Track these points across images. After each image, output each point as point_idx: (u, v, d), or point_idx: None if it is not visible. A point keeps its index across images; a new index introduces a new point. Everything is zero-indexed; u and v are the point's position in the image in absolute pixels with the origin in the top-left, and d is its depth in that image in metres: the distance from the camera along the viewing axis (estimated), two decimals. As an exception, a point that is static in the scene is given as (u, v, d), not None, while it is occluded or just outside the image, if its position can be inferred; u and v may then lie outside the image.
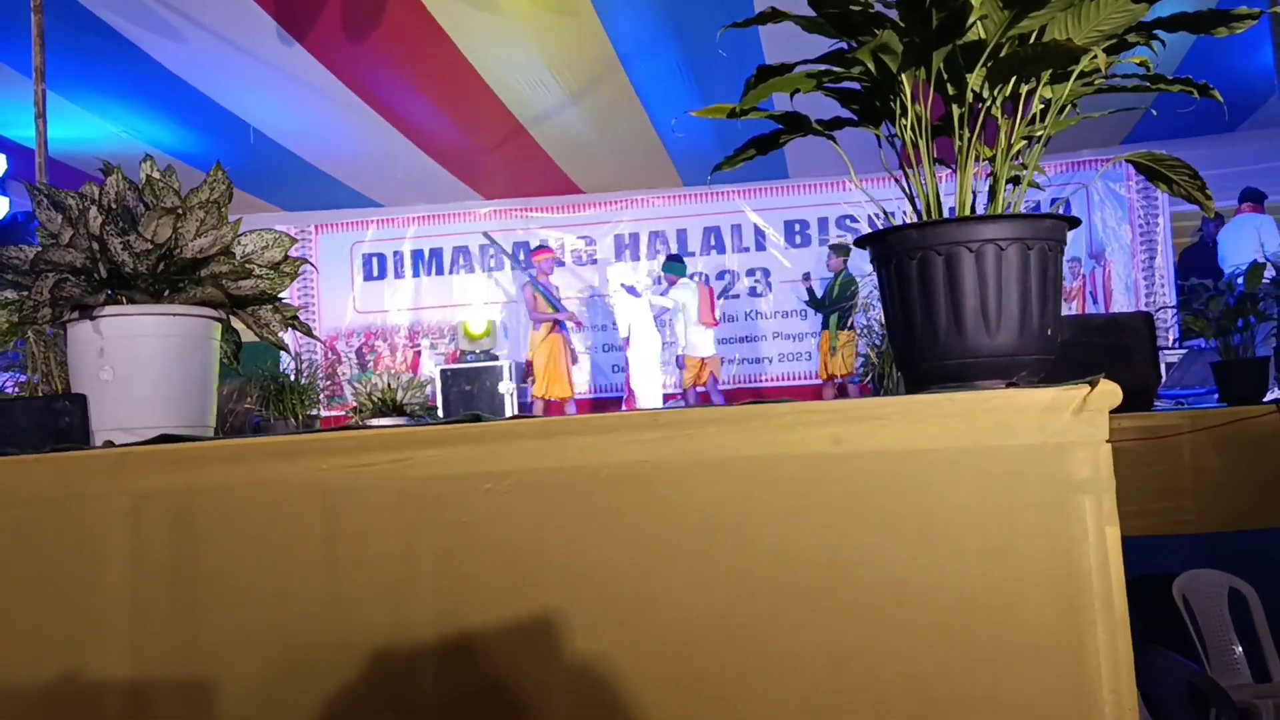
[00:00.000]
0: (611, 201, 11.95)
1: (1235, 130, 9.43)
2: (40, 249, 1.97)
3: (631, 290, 10.83)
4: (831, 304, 10.59)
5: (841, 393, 10.75)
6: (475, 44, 8.45)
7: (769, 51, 8.61)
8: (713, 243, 11.91)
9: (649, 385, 10.39)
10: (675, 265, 10.82)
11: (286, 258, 2.24)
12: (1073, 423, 1.72)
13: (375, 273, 12.25)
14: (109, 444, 1.99)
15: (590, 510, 1.83)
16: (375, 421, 5.81)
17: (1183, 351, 8.96)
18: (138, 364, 2.02)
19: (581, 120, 10.08)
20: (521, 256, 11.90)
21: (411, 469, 1.87)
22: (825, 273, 10.81)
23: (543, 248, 11.31)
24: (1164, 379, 7.54)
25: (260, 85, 9.00)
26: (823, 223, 11.50)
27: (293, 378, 5.14)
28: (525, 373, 11.02)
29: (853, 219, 11.34)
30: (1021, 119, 1.93)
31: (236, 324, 2.27)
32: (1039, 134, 1.92)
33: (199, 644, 1.89)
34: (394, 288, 12.23)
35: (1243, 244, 9.38)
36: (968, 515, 1.74)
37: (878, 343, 4.50)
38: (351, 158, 10.94)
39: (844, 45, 1.96)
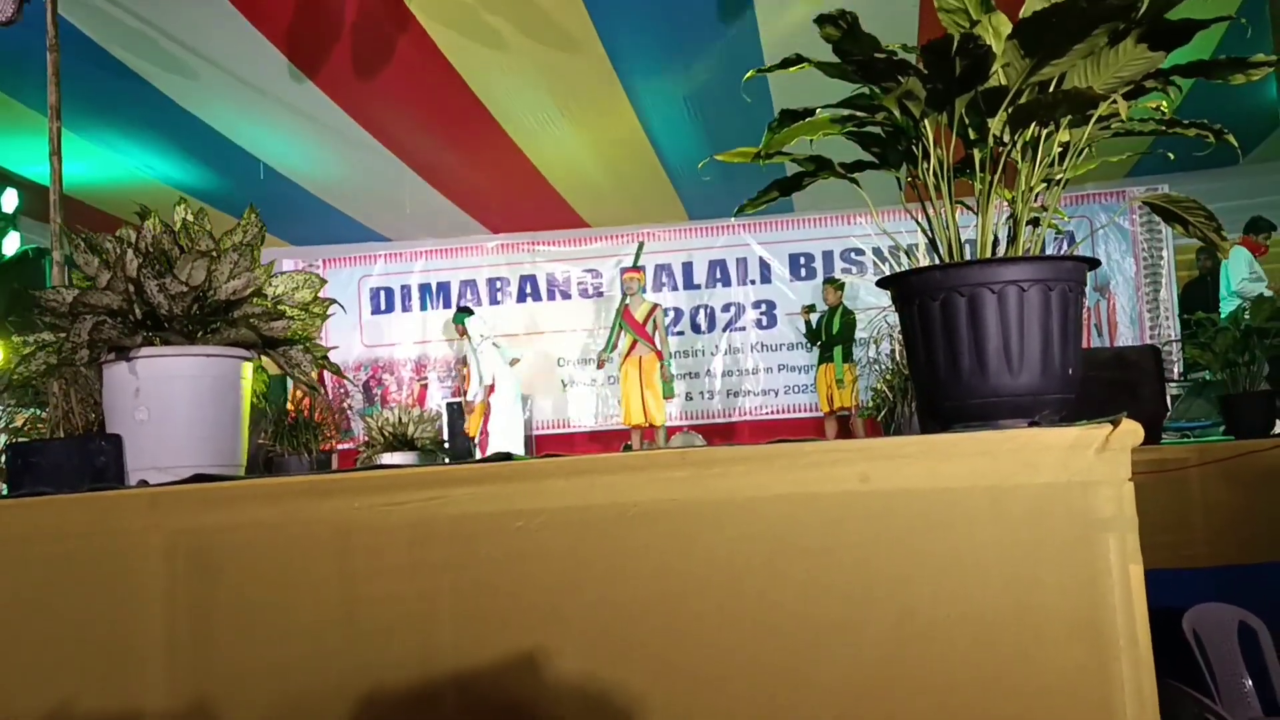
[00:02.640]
0: (618, 235, 12.02)
1: (1239, 163, 9.50)
2: (79, 291, 2.00)
3: (493, 343, 11.02)
4: (829, 338, 10.64)
5: (844, 426, 10.78)
6: (484, 80, 8.53)
7: (775, 87, 8.69)
8: (718, 276, 11.96)
9: (509, 432, 10.56)
10: (462, 315, 10.88)
11: (316, 298, 2.27)
12: (1096, 461, 1.75)
13: (383, 306, 12.30)
14: (144, 483, 2.02)
15: (620, 547, 1.85)
16: (386, 456, 5.83)
17: (1187, 384, 8.98)
18: (172, 404, 2.05)
19: (588, 155, 10.16)
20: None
21: (444, 507, 1.89)
22: (824, 306, 10.89)
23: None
24: (1170, 412, 7.55)
25: (271, 121, 9.08)
26: (828, 256, 11.56)
27: (306, 413, 5.16)
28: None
29: (858, 251, 11.40)
30: (1041, 160, 1.96)
31: (265, 362, 2.31)
32: (1058, 177, 1.96)
33: (232, 675, 1.91)
34: (401, 321, 12.28)
35: (1239, 276, 9.45)
36: (993, 552, 1.77)
37: (888, 376, 4.51)
38: (360, 192, 11.02)
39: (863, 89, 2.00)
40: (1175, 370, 9.02)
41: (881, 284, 2.01)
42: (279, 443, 4.94)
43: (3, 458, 2.45)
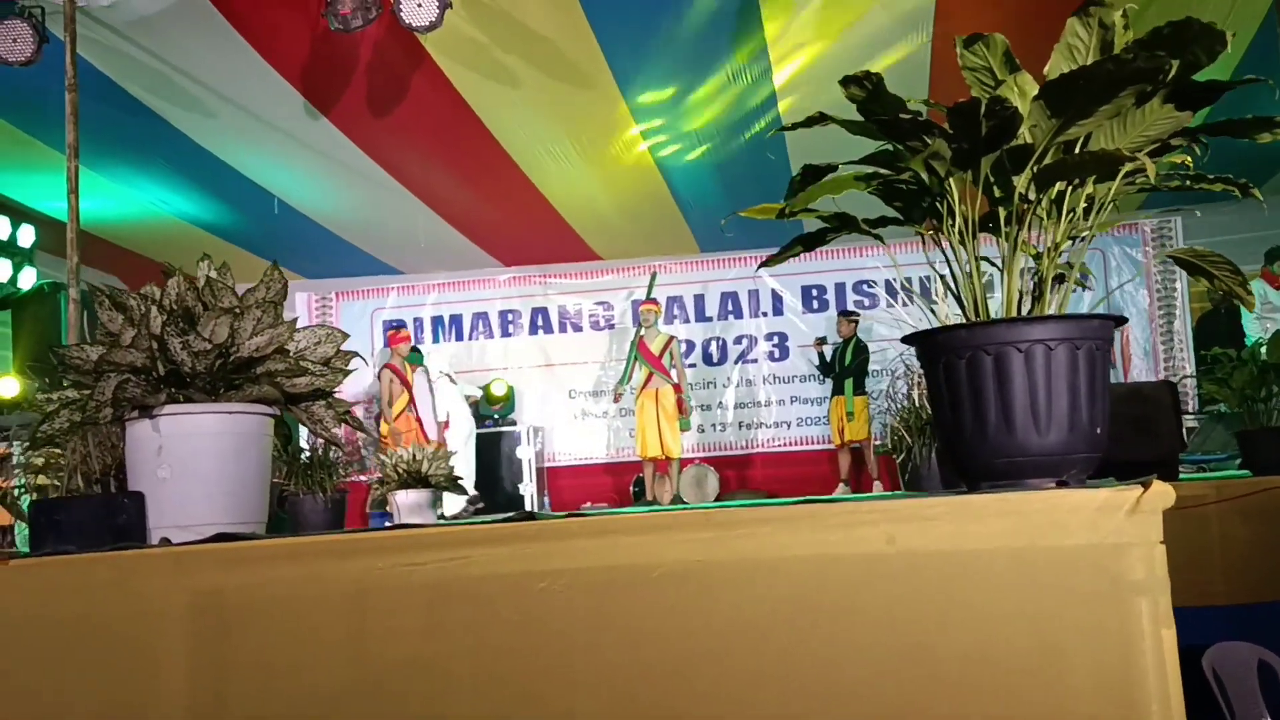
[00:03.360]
0: (630, 268, 12.04)
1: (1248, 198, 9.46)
2: (104, 349, 2.00)
3: (450, 378, 10.99)
4: (841, 370, 10.63)
5: (857, 458, 10.75)
6: (497, 116, 8.58)
7: (791, 141, 8.72)
8: (730, 308, 11.96)
9: (462, 469, 10.55)
10: (413, 355, 10.85)
11: (339, 352, 2.27)
12: (1126, 523, 1.73)
13: (395, 339, 12.35)
14: (166, 541, 2.01)
15: (643, 609, 1.83)
16: (400, 494, 5.81)
17: (1204, 415, 8.95)
18: (195, 461, 2.04)
19: (600, 188, 10.19)
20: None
21: (464, 568, 1.88)
22: (838, 338, 10.88)
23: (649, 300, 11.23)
24: (1187, 446, 7.51)
25: (285, 158, 9.13)
26: (840, 287, 11.56)
27: (320, 451, 5.14)
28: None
29: (870, 284, 11.40)
30: (1066, 216, 1.95)
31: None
32: (1084, 234, 1.95)
33: (253, 741, 1.89)
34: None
35: (1259, 309, 9.41)
36: (1022, 615, 1.75)
37: (904, 414, 4.49)
38: (373, 226, 11.06)
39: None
40: (1191, 404, 8.99)
41: (906, 340, 2.00)
42: (294, 481, 4.92)
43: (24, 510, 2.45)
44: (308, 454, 4.80)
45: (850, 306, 11.33)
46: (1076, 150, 1.82)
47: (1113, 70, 1.62)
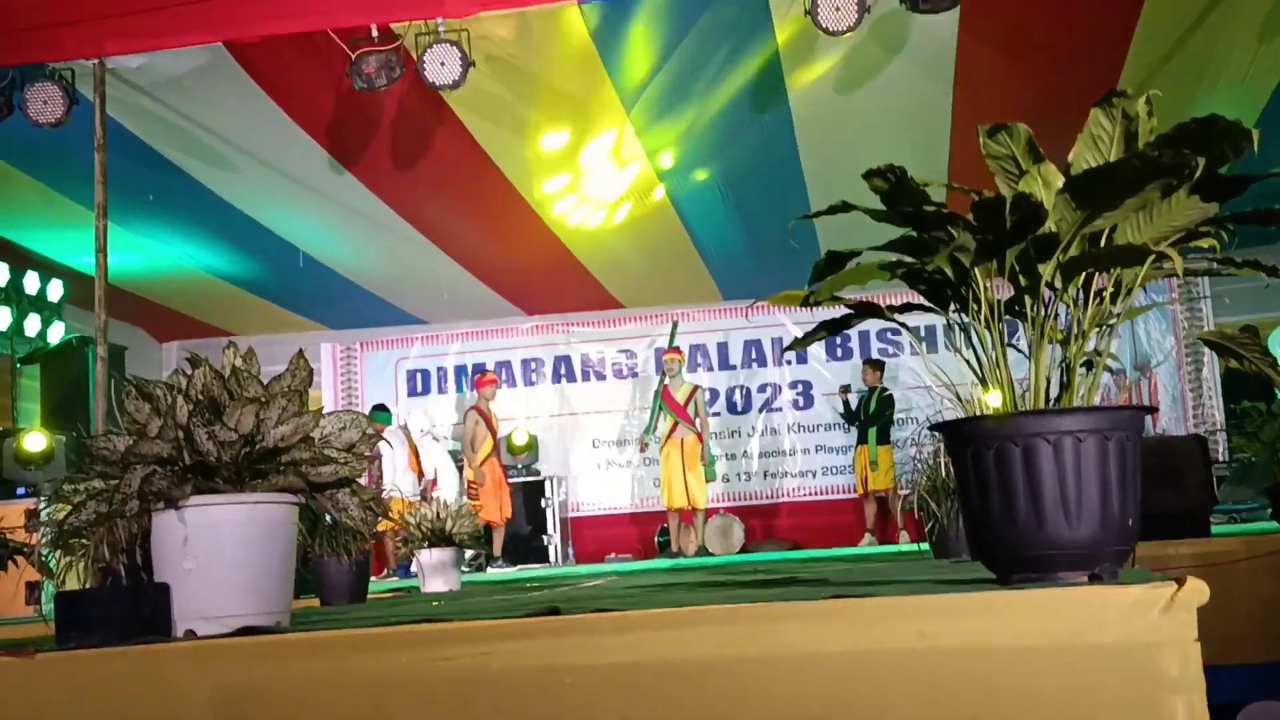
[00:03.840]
0: (652, 316, 12.06)
1: (1277, 241, 9.42)
2: (131, 441, 2.01)
3: (434, 436, 10.99)
4: (867, 418, 10.58)
5: (882, 507, 10.65)
6: (518, 169, 8.64)
7: (809, 173, 8.76)
8: (754, 356, 11.95)
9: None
10: (381, 415, 10.81)
11: (364, 435, 2.27)
12: (1161, 621, 1.70)
13: (419, 388, 12.36)
14: (191, 633, 2.01)
15: (671, 705, 1.81)
16: (424, 553, 5.78)
17: (1234, 464, 8.85)
18: (220, 552, 2.05)
19: (622, 238, 10.24)
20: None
21: (490, 662, 1.87)
22: (863, 386, 10.84)
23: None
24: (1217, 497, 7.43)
25: (310, 212, 9.22)
26: (864, 335, 11.51)
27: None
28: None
29: (895, 331, 11.35)
30: (1093, 300, 1.94)
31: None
32: (1111, 321, 1.94)
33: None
34: (438, 403, 12.33)
35: None
36: (1053, 712, 1.72)
37: (930, 474, 4.45)
38: (397, 278, 11.14)
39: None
40: (1221, 453, 8.89)
41: (934, 429, 1.99)
42: (318, 544, 4.92)
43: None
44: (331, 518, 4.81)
45: (875, 354, 11.28)
46: (1102, 241, 1.81)
47: (1138, 167, 1.62)
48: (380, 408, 10.96)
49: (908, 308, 2.06)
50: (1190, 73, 7.25)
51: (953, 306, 2.05)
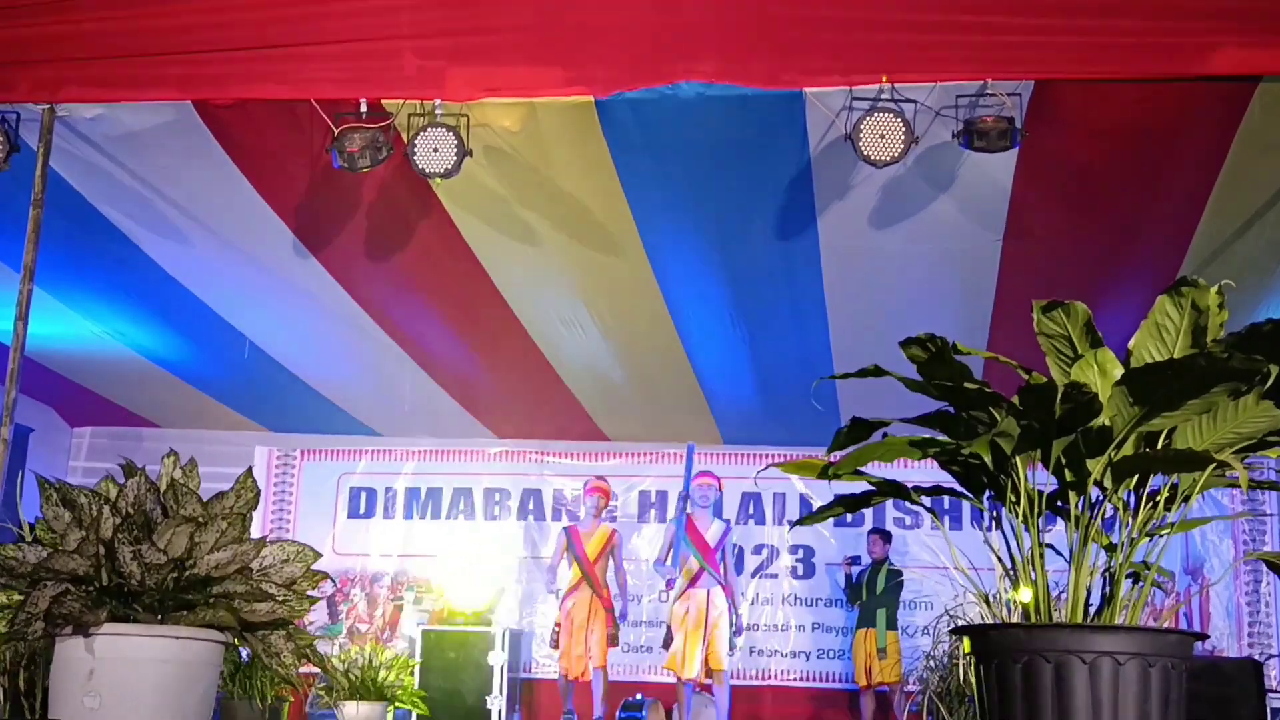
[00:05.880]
0: (639, 454, 12.08)
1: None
2: (45, 553, 2.04)
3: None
4: (871, 597, 10.49)
5: (882, 703, 10.50)
6: (508, 273, 8.72)
7: (832, 305, 8.85)
8: (751, 511, 11.93)
9: None
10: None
11: (308, 572, 2.30)
12: None
13: (362, 510, 12.32)
14: (83, 785, 2.00)
15: None
16: (348, 707, 5.72)
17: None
18: (131, 692, 2.05)
19: (616, 364, 10.28)
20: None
21: None
22: (868, 558, 10.79)
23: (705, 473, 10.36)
24: (1273, 732, 7.41)
25: (265, 297, 9.28)
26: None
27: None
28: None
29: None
30: (1145, 505, 2.00)
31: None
32: (1164, 531, 1.99)
33: None
34: (381, 529, 12.26)
35: None
36: None
37: (943, 674, 4.46)
38: (352, 381, 11.15)
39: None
40: (1276, 680, 8.86)
41: (956, 632, 2.02)
42: (230, 685, 4.88)
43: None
44: (247, 655, 4.79)
45: (889, 523, 11.27)
46: (1160, 441, 1.87)
47: (1205, 367, 1.68)
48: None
49: (938, 491, 2.12)
50: (1270, 252, 7.41)
51: (987, 493, 2.10)
